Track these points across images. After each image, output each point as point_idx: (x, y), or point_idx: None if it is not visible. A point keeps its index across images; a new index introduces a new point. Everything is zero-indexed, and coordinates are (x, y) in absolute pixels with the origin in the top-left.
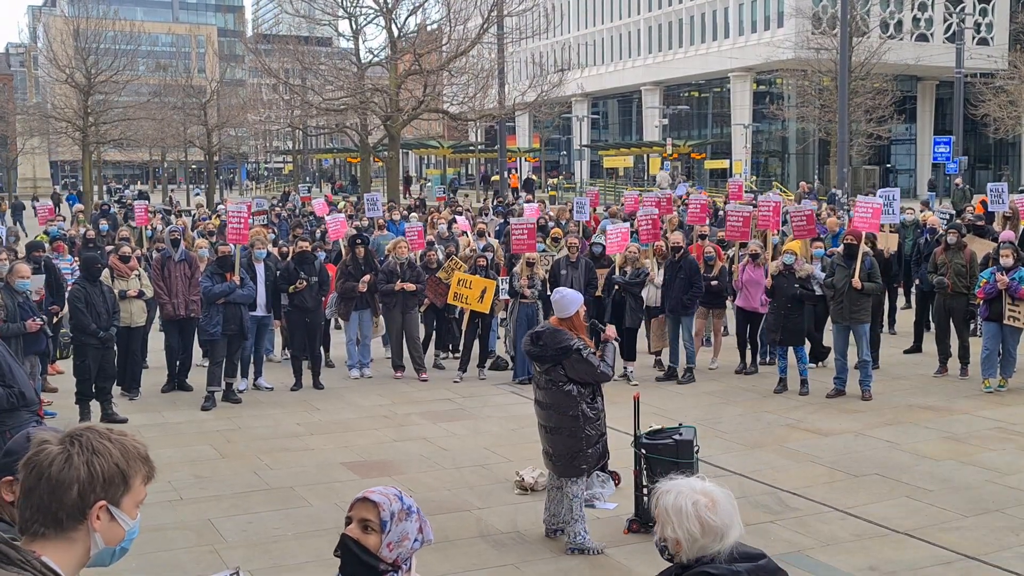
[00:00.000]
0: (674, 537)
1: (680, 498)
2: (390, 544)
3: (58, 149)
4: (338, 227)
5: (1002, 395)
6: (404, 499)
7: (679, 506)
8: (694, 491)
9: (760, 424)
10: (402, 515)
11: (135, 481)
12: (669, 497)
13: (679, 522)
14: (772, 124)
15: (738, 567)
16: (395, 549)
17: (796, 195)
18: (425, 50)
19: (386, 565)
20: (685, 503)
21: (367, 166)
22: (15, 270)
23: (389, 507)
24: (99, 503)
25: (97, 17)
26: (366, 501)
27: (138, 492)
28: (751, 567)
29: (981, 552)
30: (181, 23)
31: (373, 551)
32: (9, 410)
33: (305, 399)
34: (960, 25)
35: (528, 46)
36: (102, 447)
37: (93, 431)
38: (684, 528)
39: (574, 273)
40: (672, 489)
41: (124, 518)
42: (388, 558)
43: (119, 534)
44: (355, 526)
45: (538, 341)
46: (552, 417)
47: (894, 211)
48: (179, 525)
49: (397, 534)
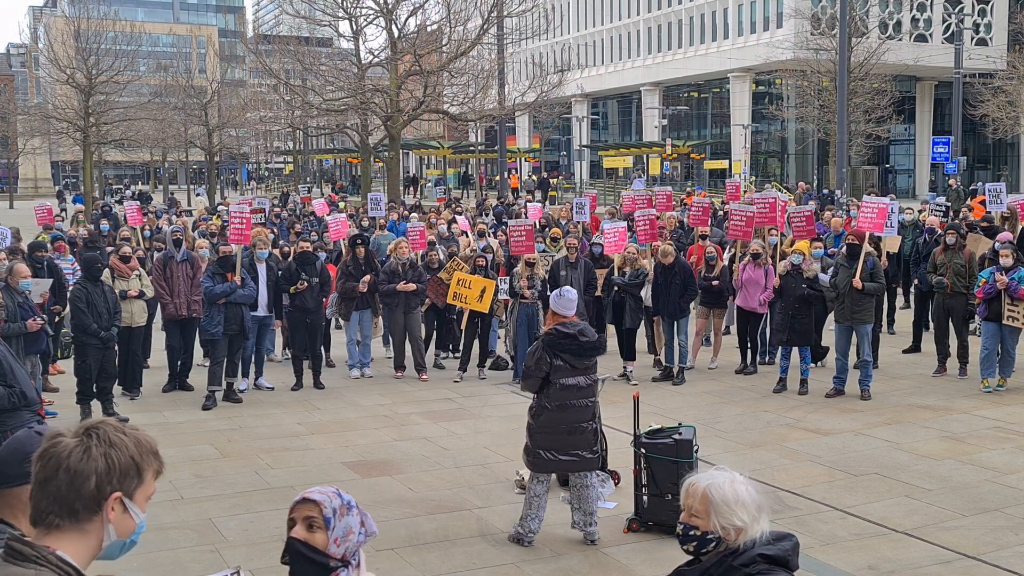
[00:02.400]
0: (738, 525)
1: (739, 487)
2: (336, 539)
3: (59, 149)
4: (339, 227)
5: (1001, 395)
6: (342, 495)
7: (740, 496)
8: (737, 480)
9: (759, 424)
10: (343, 510)
11: (148, 475)
12: (726, 489)
13: (745, 510)
14: (771, 124)
15: (784, 545)
16: (342, 544)
17: (796, 195)
18: (425, 51)
19: (336, 561)
20: (743, 491)
21: (367, 166)
22: (16, 271)
23: (330, 504)
24: (115, 494)
25: (98, 18)
26: (306, 501)
27: (149, 486)
28: (791, 545)
29: (980, 551)
30: (182, 24)
31: (321, 549)
32: (10, 410)
33: (306, 399)
34: (959, 26)
35: (528, 47)
36: (119, 440)
37: (108, 424)
38: (748, 514)
39: (573, 273)
40: (722, 481)
41: (136, 511)
42: (336, 554)
43: (131, 526)
44: (300, 527)
45: (585, 333)
46: (589, 411)
47: (892, 224)
48: (180, 525)
49: (342, 529)
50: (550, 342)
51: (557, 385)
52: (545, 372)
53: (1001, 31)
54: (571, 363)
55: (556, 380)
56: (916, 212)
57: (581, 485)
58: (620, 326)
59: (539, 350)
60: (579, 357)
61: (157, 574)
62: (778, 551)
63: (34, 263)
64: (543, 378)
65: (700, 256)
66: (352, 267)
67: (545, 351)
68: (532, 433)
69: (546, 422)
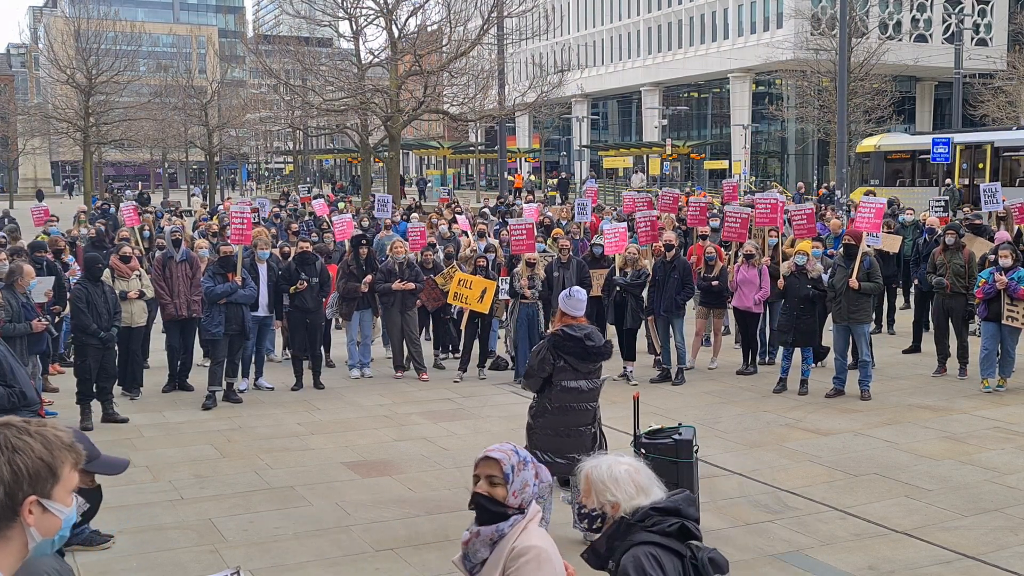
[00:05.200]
0: (613, 501)
1: (615, 468)
2: (515, 492)
3: (59, 149)
4: (344, 228)
5: (1001, 395)
6: (519, 452)
7: (615, 475)
8: (620, 462)
9: (759, 424)
10: (520, 466)
11: (63, 470)
12: (603, 469)
13: (617, 487)
14: (771, 125)
15: (674, 496)
16: (519, 495)
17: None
18: (425, 51)
19: (513, 510)
20: (619, 471)
21: (367, 167)
22: (24, 272)
23: (508, 461)
24: (29, 499)
25: (98, 18)
26: (488, 459)
27: (69, 480)
28: (683, 495)
29: (980, 551)
30: (182, 24)
31: (501, 501)
32: (10, 410)
33: (306, 399)
34: (959, 26)
35: (528, 47)
36: (22, 443)
37: (11, 427)
38: (623, 491)
39: (565, 273)
40: (601, 463)
41: (57, 507)
42: (513, 504)
43: (55, 524)
44: (484, 483)
45: (592, 338)
46: (589, 414)
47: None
48: (180, 525)
49: (519, 483)
50: (556, 343)
51: (559, 387)
52: (548, 372)
53: (1001, 31)
54: (574, 366)
55: (558, 382)
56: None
57: None
58: (621, 326)
59: (544, 350)
60: (583, 361)
61: (157, 574)
62: (668, 503)
63: (35, 263)
64: (545, 378)
65: (699, 256)
66: (354, 267)
67: (550, 351)
68: (531, 433)
69: (546, 423)
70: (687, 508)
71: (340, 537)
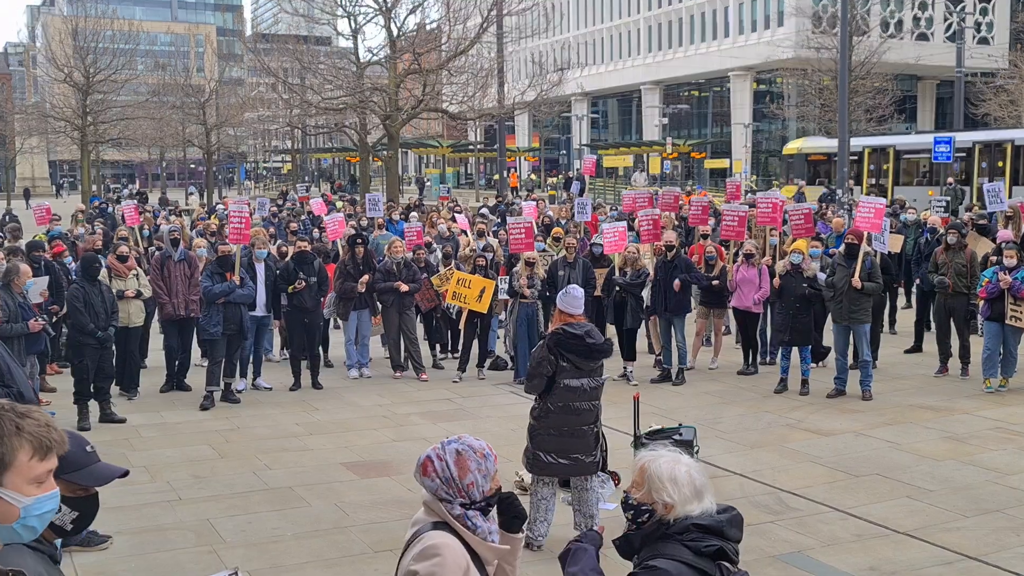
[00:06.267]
0: (670, 502)
1: (676, 468)
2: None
3: (56, 148)
4: (336, 227)
5: (1003, 395)
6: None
7: (676, 475)
8: (680, 461)
9: (760, 424)
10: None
11: (17, 457)
12: (663, 467)
13: (676, 488)
14: (772, 123)
15: (719, 516)
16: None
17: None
18: (424, 49)
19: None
20: (680, 472)
21: (366, 165)
22: (21, 272)
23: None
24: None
25: (96, 16)
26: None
27: (27, 468)
28: (728, 517)
29: (982, 552)
30: (180, 22)
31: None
32: None
33: (304, 399)
34: (960, 24)
35: (528, 45)
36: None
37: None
38: (681, 493)
39: (572, 273)
40: (661, 459)
41: (13, 496)
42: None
43: (12, 512)
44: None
45: (592, 335)
46: (591, 414)
47: (884, 242)
48: (178, 525)
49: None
50: (556, 341)
51: (561, 386)
52: (550, 372)
53: (1003, 30)
54: (577, 364)
55: (561, 381)
56: (919, 211)
57: (581, 488)
58: (621, 326)
59: (543, 350)
60: (585, 359)
61: (156, 574)
62: (711, 521)
63: (32, 263)
64: (548, 379)
65: (700, 256)
66: (351, 267)
67: (550, 351)
68: (533, 434)
69: (549, 424)
70: (730, 530)
71: (338, 538)
